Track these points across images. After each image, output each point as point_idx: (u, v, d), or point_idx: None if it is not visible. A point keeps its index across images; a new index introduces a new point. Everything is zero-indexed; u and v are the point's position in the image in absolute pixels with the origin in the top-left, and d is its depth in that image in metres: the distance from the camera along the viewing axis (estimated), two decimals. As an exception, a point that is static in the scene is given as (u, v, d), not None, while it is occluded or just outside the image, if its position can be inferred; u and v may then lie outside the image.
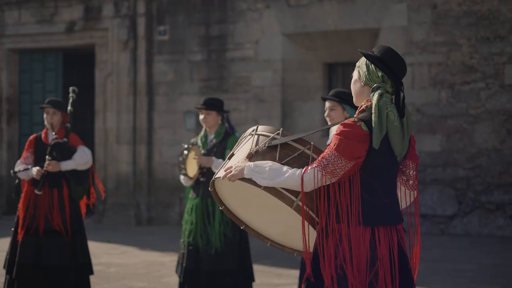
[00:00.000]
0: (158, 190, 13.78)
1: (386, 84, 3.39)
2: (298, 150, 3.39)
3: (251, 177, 3.32)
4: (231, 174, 3.37)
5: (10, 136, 15.05)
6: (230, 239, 6.08)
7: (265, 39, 13.00)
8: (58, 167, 6.65)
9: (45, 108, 6.81)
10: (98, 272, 8.50)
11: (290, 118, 12.97)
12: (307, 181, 3.25)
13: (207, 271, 6.10)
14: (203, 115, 6.31)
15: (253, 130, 3.55)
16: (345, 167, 3.27)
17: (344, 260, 3.25)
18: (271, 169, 3.29)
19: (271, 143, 3.39)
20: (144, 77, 13.76)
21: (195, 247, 6.21)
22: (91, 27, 14.18)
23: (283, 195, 3.30)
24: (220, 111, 6.34)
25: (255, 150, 3.41)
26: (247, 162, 3.37)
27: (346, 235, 3.28)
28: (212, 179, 3.57)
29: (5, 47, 15.01)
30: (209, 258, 6.09)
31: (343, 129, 3.29)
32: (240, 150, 3.53)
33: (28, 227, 6.65)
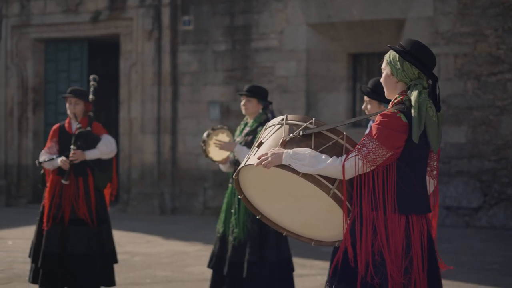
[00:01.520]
0: (182, 180, 13.82)
1: (422, 81, 3.47)
2: (332, 140, 3.42)
3: (290, 163, 3.35)
4: (268, 161, 3.38)
5: (35, 126, 15.16)
6: (249, 230, 6.06)
7: (290, 29, 12.96)
8: (83, 156, 6.69)
9: (68, 98, 6.83)
10: (123, 261, 8.55)
11: (314, 109, 12.93)
12: (348, 169, 3.31)
13: (231, 261, 6.09)
14: (244, 101, 6.26)
15: (282, 119, 3.55)
16: (384, 156, 3.34)
17: (382, 246, 3.33)
18: (311, 156, 3.32)
19: (306, 132, 3.40)
20: (169, 67, 13.78)
21: (223, 235, 6.22)
22: (116, 16, 14.21)
23: (320, 182, 3.34)
24: (262, 100, 6.29)
25: (289, 138, 3.42)
26: (283, 149, 3.38)
27: (382, 223, 3.35)
28: (240, 167, 3.56)
29: (30, 37, 15.10)
30: (232, 248, 6.08)
31: (383, 119, 3.36)
32: (270, 139, 3.52)
33: (53, 216, 6.69)
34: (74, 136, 6.71)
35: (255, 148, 3.54)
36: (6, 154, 15.15)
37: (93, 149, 6.76)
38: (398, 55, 3.48)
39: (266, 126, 3.63)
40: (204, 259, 8.64)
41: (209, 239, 9.91)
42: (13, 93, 15.09)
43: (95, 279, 6.75)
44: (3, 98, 15.13)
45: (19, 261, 8.52)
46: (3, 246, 9.82)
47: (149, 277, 7.85)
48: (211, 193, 13.52)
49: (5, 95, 15.12)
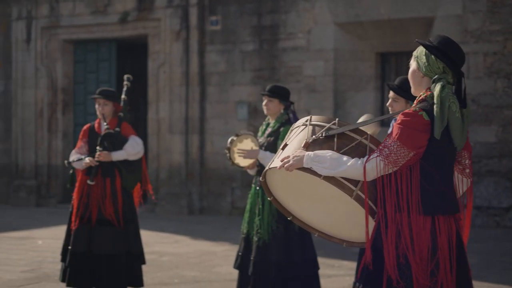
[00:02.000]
0: (210, 180, 13.84)
1: (447, 75, 3.39)
2: (355, 140, 3.37)
3: (311, 166, 3.32)
4: (290, 163, 3.36)
5: (65, 126, 15.28)
6: (274, 231, 6.05)
7: (317, 29, 12.92)
8: (109, 157, 6.71)
9: (96, 98, 6.87)
10: (151, 261, 8.58)
11: (342, 108, 12.88)
12: (369, 170, 3.26)
13: (254, 261, 6.08)
14: (265, 101, 6.23)
15: (306, 120, 3.52)
16: (407, 157, 3.27)
17: (407, 249, 3.26)
18: (332, 158, 3.28)
19: (328, 133, 3.37)
20: (196, 67, 13.81)
21: (247, 235, 6.21)
22: (144, 17, 14.28)
23: (343, 184, 3.30)
24: (283, 100, 6.27)
25: (311, 139, 3.39)
26: (305, 151, 3.35)
27: (407, 224, 3.29)
28: (265, 169, 3.55)
29: (60, 38, 15.22)
30: (256, 247, 6.08)
31: (404, 119, 3.30)
32: (293, 140, 3.50)
33: (81, 216, 6.73)
34: (100, 137, 6.74)
35: (280, 150, 3.53)
36: (36, 154, 15.29)
37: (119, 150, 6.79)
38: (425, 49, 3.42)
39: (292, 127, 3.62)
40: (231, 259, 8.63)
41: (237, 239, 9.90)
42: (43, 94, 15.23)
43: (121, 279, 6.78)
44: (33, 99, 15.27)
45: (49, 261, 8.58)
46: (33, 246, 9.91)
47: (177, 277, 7.87)
48: (239, 193, 13.52)
49: (35, 96, 15.26)
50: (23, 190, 15.29)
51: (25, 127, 15.38)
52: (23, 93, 15.38)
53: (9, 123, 15.65)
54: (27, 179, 15.33)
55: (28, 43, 15.28)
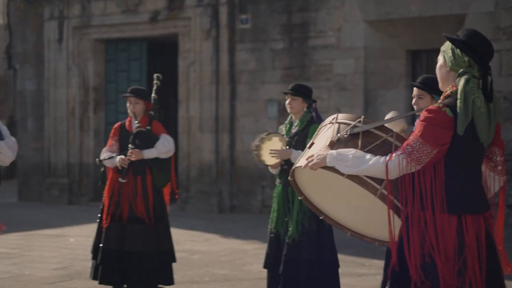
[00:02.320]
0: (240, 178, 13.86)
1: (473, 69, 3.32)
2: (380, 138, 3.34)
3: (334, 165, 3.30)
4: (313, 162, 3.34)
5: (96, 125, 15.40)
6: (306, 229, 6.02)
7: (348, 27, 12.87)
8: (141, 156, 6.76)
9: (128, 97, 6.92)
10: (182, 259, 8.62)
11: (373, 107, 12.82)
12: (391, 169, 3.22)
13: (285, 258, 6.06)
14: (289, 99, 6.21)
15: (333, 118, 3.51)
16: (430, 154, 3.22)
17: (432, 248, 3.21)
18: (354, 156, 3.26)
19: (353, 131, 3.35)
20: (227, 66, 13.83)
21: (277, 234, 6.17)
22: (175, 16, 14.33)
23: (367, 183, 3.27)
24: (307, 99, 6.25)
25: (336, 138, 3.38)
26: (329, 150, 3.34)
27: (431, 223, 3.23)
28: (292, 169, 3.55)
29: (91, 37, 15.34)
30: (287, 246, 6.06)
31: (428, 115, 3.24)
32: (320, 139, 3.50)
33: (112, 214, 6.79)
34: (132, 135, 6.79)
35: (307, 148, 3.53)
36: (68, 153, 15.43)
37: (151, 148, 6.83)
38: (451, 43, 3.37)
39: (321, 126, 3.61)
40: (262, 257, 8.60)
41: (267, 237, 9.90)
42: (74, 93, 15.36)
43: (152, 277, 6.82)
44: (65, 98, 15.41)
45: (80, 258, 8.66)
46: (65, 244, 10.01)
47: (207, 275, 7.90)
48: (269, 191, 13.51)
49: (67, 95, 15.40)
50: (55, 188, 15.45)
51: (57, 126, 15.53)
52: (55, 92, 15.53)
53: (42, 122, 15.81)
54: (60, 177, 15.48)
55: (60, 43, 15.42)
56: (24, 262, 8.52)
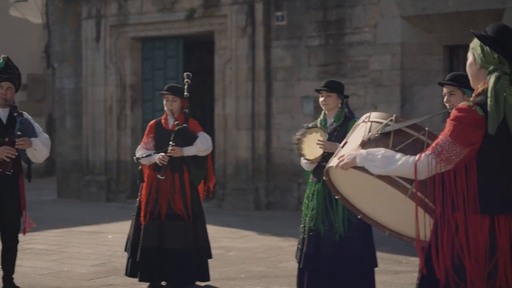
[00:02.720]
0: (276, 175, 13.86)
1: (504, 65, 3.23)
2: (412, 137, 3.30)
3: (364, 165, 3.27)
4: (344, 162, 3.32)
5: (133, 122, 15.52)
6: (354, 224, 5.92)
7: (384, 22, 12.80)
8: (181, 153, 6.82)
9: (165, 94, 6.97)
10: (218, 255, 8.65)
11: (409, 103, 12.73)
12: (420, 169, 3.15)
13: (330, 256, 5.97)
14: (323, 97, 6.15)
15: (366, 117, 3.49)
16: (460, 154, 3.14)
17: (461, 250, 3.13)
18: (383, 156, 3.22)
19: (384, 130, 3.32)
20: (262, 63, 13.84)
21: (316, 232, 6.05)
22: (210, 14, 14.38)
23: (397, 183, 3.24)
24: (341, 94, 6.20)
25: (367, 137, 3.35)
26: (360, 150, 3.31)
27: (462, 224, 3.15)
28: (326, 168, 3.53)
29: (128, 36, 15.47)
30: (332, 243, 5.97)
31: (458, 114, 3.16)
32: (353, 138, 3.48)
33: (151, 211, 6.84)
34: (174, 133, 6.84)
35: (340, 148, 3.51)
36: (106, 150, 15.58)
37: (190, 146, 6.87)
38: (479, 40, 3.29)
39: (354, 125, 3.59)
40: (298, 254, 8.64)
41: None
42: (112, 91, 15.50)
43: (191, 273, 6.87)
44: (103, 96, 15.56)
45: (118, 255, 8.74)
46: (103, 240, 10.11)
47: (244, 272, 7.92)
48: (305, 188, 13.46)
49: (104, 93, 15.54)
50: (93, 185, 15.61)
51: (95, 123, 15.69)
52: (93, 90, 15.69)
53: (80, 120, 15.98)
54: (98, 174, 15.64)
55: (98, 41, 15.57)
56: (62, 259, 8.63)
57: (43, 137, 6.42)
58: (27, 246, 9.42)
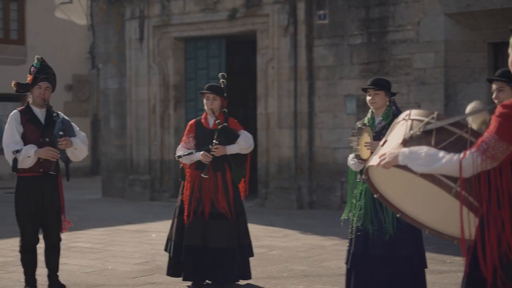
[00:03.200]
0: (319, 174, 13.84)
1: None
2: (454, 134, 3.26)
3: (406, 163, 3.23)
4: (385, 161, 3.29)
5: (176, 122, 15.63)
6: (402, 224, 5.85)
7: (427, 20, 12.68)
8: (224, 151, 6.86)
9: (205, 93, 7.01)
10: (261, 254, 8.67)
11: (453, 101, 12.60)
12: (465, 167, 3.11)
13: (379, 256, 5.91)
14: (371, 95, 6.07)
15: (406, 115, 3.44)
16: (506, 151, 3.10)
17: (509, 248, 3.10)
18: (427, 154, 3.18)
19: (426, 128, 3.28)
20: (305, 62, 13.82)
21: (364, 232, 5.96)
22: (252, 13, 14.40)
23: (441, 181, 3.20)
24: (388, 92, 6.11)
25: (409, 135, 3.31)
26: (401, 148, 3.27)
27: (509, 221, 3.12)
28: (366, 167, 3.51)
29: (171, 36, 15.58)
30: (382, 243, 5.88)
31: (503, 111, 3.12)
32: (393, 136, 3.44)
33: (194, 210, 6.88)
34: (217, 131, 6.87)
35: (380, 146, 3.47)
36: (149, 150, 15.71)
37: (233, 144, 6.91)
38: None
39: (394, 123, 3.55)
40: (341, 253, 8.61)
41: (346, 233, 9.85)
42: (155, 91, 15.63)
43: (235, 272, 6.90)
44: (146, 96, 15.70)
45: (162, 253, 8.79)
46: (147, 239, 10.20)
47: (286, 271, 7.92)
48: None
49: (148, 93, 15.68)
50: (137, 184, 15.76)
51: (138, 123, 15.83)
52: (136, 90, 15.84)
53: (124, 119, 16.15)
54: (142, 174, 15.78)
55: (141, 42, 15.71)
56: (107, 257, 8.73)
57: (81, 136, 6.51)
58: (73, 245, 9.56)
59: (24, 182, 6.34)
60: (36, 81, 6.35)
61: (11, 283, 7.22)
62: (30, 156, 6.21)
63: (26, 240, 6.40)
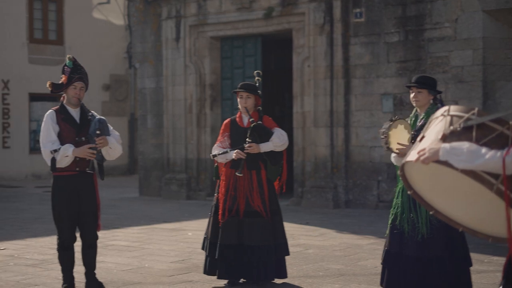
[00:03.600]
0: (355, 173, 13.78)
1: None
2: (496, 131, 3.21)
3: (447, 159, 3.19)
4: (425, 156, 3.25)
5: (213, 121, 15.67)
6: (435, 225, 5.82)
7: (465, 17, 12.55)
8: (258, 149, 6.85)
9: (239, 92, 7.02)
10: (296, 253, 8.66)
11: (492, 99, 12.45)
12: (509, 164, 3.07)
13: (411, 256, 5.88)
14: (414, 93, 6.03)
15: (444, 111, 3.40)
16: None
17: None
18: (469, 150, 3.14)
19: (467, 124, 3.24)
20: (341, 60, 13.77)
21: (400, 231, 5.94)
22: (288, 12, 14.39)
23: (482, 178, 3.15)
24: (432, 90, 6.04)
25: (449, 131, 3.27)
26: (441, 143, 3.24)
27: None
28: (402, 163, 3.47)
29: (207, 35, 15.63)
30: (415, 243, 5.87)
31: None
32: (431, 132, 3.40)
33: (229, 208, 6.89)
34: (249, 129, 6.88)
35: (418, 142, 3.44)
36: (186, 149, 15.79)
37: (266, 142, 6.91)
38: None
39: (431, 118, 3.51)
40: (377, 252, 8.57)
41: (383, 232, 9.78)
42: (192, 90, 15.70)
43: (270, 270, 6.89)
44: (183, 95, 15.77)
45: (198, 252, 8.84)
46: (183, 237, 10.25)
47: (322, 270, 7.90)
48: (385, 186, 13.38)
49: (185, 92, 15.76)
50: (174, 183, 15.84)
51: (175, 122, 15.92)
52: (173, 89, 15.93)
53: (161, 119, 16.25)
54: (178, 172, 15.87)
55: (177, 41, 15.79)
56: (144, 255, 8.79)
57: (116, 135, 6.57)
58: (110, 243, 9.65)
59: (61, 181, 6.40)
60: (71, 81, 6.41)
61: (49, 281, 7.31)
62: (68, 156, 6.28)
63: (63, 239, 6.46)
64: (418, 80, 6.04)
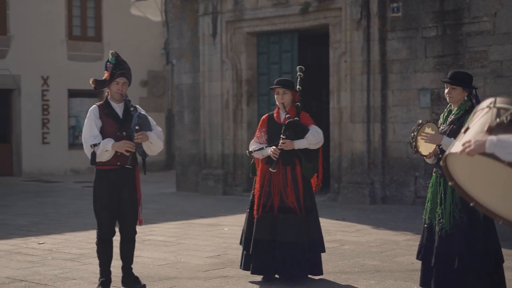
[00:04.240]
0: (392, 169, 13.70)
1: None
2: None
3: (494, 151, 3.16)
4: (471, 148, 3.22)
5: (249, 116, 15.70)
6: (457, 221, 5.83)
7: (504, 11, 12.38)
8: (292, 145, 6.85)
9: (275, 88, 7.02)
10: (332, 249, 8.65)
11: (531, 94, 12.28)
12: None
13: (437, 252, 5.92)
14: (448, 89, 6.01)
15: (490, 103, 3.36)
16: None
17: None
18: None
19: None
20: (377, 55, 13.69)
21: (430, 225, 6.02)
22: (325, 7, 14.34)
23: None
24: (467, 87, 6.00)
25: (495, 123, 3.23)
26: (488, 136, 3.20)
27: None
28: (446, 154, 3.45)
29: (244, 31, 15.65)
30: (439, 238, 5.91)
31: None
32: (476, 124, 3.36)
33: (263, 204, 6.90)
34: (284, 126, 6.87)
35: (462, 133, 3.40)
36: (222, 144, 15.84)
37: (301, 139, 6.89)
38: None
39: (475, 110, 3.47)
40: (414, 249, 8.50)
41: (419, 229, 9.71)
42: (228, 86, 15.73)
43: (304, 267, 6.88)
44: (219, 91, 15.82)
45: (234, 247, 8.88)
46: (219, 233, 10.30)
47: (358, 266, 7.87)
48: (422, 182, 13.28)
49: (221, 88, 15.80)
50: (211, 178, 15.91)
51: (212, 118, 15.97)
52: (209, 85, 15.98)
53: (198, 114, 16.32)
54: (215, 168, 15.93)
55: (214, 37, 15.84)
56: (180, 250, 8.85)
57: (157, 131, 6.60)
58: (147, 238, 9.73)
59: (102, 175, 6.46)
60: (113, 77, 6.46)
61: (86, 275, 7.40)
62: (107, 150, 6.34)
63: (103, 232, 6.52)
64: (452, 76, 6.01)
